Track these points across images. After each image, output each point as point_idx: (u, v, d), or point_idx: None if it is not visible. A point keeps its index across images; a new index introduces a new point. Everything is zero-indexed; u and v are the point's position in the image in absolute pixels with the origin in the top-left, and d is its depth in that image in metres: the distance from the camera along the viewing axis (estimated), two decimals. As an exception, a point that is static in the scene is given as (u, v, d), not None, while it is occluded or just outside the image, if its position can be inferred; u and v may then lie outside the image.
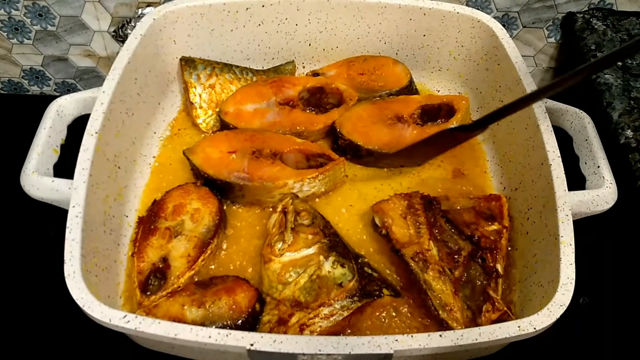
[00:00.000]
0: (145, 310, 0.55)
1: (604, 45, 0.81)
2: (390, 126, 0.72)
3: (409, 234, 0.61)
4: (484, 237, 0.61)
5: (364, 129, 0.72)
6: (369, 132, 0.71)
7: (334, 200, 0.69)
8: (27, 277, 0.69)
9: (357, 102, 0.75)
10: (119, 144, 0.65)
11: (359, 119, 0.73)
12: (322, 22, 0.79)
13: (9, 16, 0.89)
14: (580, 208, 0.60)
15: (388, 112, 0.73)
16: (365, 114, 0.73)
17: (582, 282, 0.53)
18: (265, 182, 0.64)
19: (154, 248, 0.60)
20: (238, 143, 0.68)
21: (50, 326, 0.65)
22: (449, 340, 0.47)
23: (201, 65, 0.77)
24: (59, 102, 0.65)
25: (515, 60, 0.71)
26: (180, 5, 0.74)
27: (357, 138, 0.71)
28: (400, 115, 0.73)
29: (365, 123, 0.72)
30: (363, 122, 0.72)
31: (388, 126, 0.72)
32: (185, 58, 0.78)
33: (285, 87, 0.76)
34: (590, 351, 0.65)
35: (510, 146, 0.71)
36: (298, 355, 0.47)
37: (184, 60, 0.77)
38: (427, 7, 0.77)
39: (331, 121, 0.74)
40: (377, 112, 0.73)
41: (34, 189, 0.58)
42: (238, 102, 0.74)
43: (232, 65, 0.80)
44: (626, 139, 0.68)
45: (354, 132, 0.71)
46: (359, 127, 0.72)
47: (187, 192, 0.65)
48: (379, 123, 0.72)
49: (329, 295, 0.56)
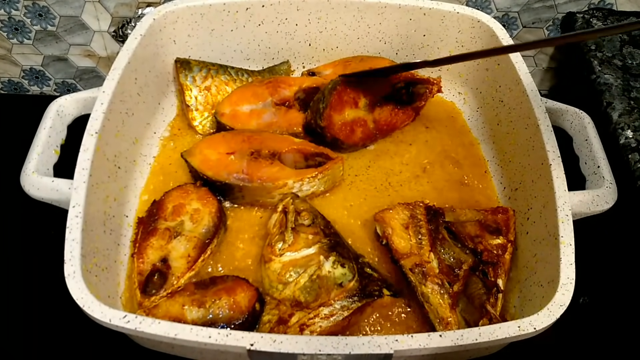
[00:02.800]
0: (145, 310, 0.55)
1: (604, 45, 0.81)
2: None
3: (410, 244, 0.60)
4: (487, 251, 0.61)
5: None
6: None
7: (335, 200, 0.69)
8: (27, 277, 0.69)
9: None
10: (119, 144, 0.65)
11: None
12: (322, 22, 0.79)
13: (9, 16, 0.89)
14: (580, 208, 0.60)
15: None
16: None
17: (582, 282, 0.53)
18: (264, 182, 0.64)
19: (154, 249, 0.60)
20: (236, 144, 0.68)
21: (50, 326, 0.65)
22: (449, 340, 0.47)
23: (196, 67, 0.77)
24: (59, 102, 0.65)
25: (515, 60, 0.71)
26: (180, 5, 0.74)
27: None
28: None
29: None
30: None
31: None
32: (180, 60, 0.77)
33: (281, 88, 0.76)
34: (590, 351, 0.65)
35: (510, 146, 0.71)
36: (298, 355, 0.47)
37: (179, 62, 0.77)
38: (427, 7, 0.77)
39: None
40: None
41: (34, 189, 0.58)
42: (234, 103, 0.74)
43: (227, 67, 0.80)
44: (626, 139, 0.68)
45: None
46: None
47: (186, 192, 0.65)
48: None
49: (329, 295, 0.56)
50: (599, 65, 0.78)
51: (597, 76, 0.77)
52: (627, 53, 0.80)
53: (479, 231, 0.63)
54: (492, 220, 0.64)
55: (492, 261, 0.60)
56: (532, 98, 0.66)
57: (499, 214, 0.65)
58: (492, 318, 0.56)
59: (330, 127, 0.69)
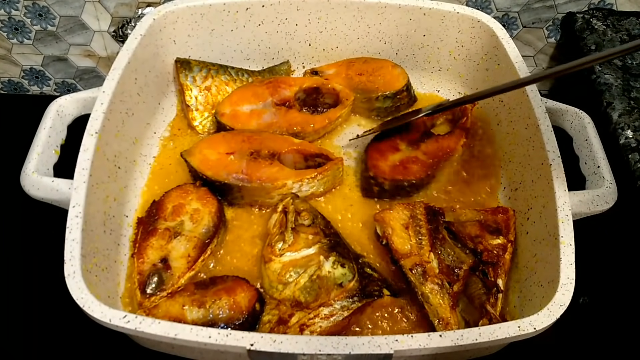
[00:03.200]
0: (145, 310, 0.55)
1: (604, 45, 0.81)
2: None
3: (410, 244, 0.60)
4: (487, 251, 0.61)
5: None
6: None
7: (335, 200, 0.69)
8: (27, 277, 0.69)
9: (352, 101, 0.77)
10: (119, 144, 0.65)
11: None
12: (322, 22, 0.79)
13: (9, 16, 0.89)
14: (580, 208, 0.60)
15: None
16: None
17: (582, 282, 0.53)
18: (264, 182, 0.64)
19: (154, 249, 0.60)
20: (236, 144, 0.68)
21: (50, 326, 0.65)
22: (449, 340, 0.47)
23: (196, 67, 0.77)
24: (59, 102, 0.65)
25: (515, 61, 0.71)
26: (180, 5, 0.74)
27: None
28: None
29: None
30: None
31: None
32: (180, 60, 0.77)
33: (281, 88, 0.76)
34: (590, 351, 0.65)
35: (510, 146, 0.71)
36: (298, 355, 0.47)
37: (179, 62, 0.77)
38: (427, 7, 0.77)
39: (327, 121, 0.74)
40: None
41: (34, 189, 0.58)
42: (234, 104, 0.74)
43: (227, 67, 0.79)
44: (626, 139, 0.68)
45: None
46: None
47: (186, 192, 0.65)
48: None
49: (329, 296, 0.56)
50: (599, 65, 0.78)
51: (597, 76, 0.77)
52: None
53: (479, 231, 0.63)
54: (492, 221, 0.64)
55: (492, 261, 0.60)
56: (532, 98, 0.66)
57: (499, 214, 0.65)
58: (492, 318, 0.56)
59: (380, 174, 0.66)
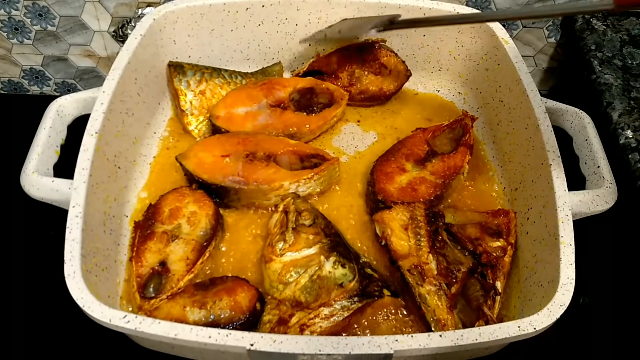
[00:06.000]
0: (146, 313, 0.55)
1: (604, 45, 0.81)
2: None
3: (409, 245, 0.60)
4: (486, 253, 0.61)
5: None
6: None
7: (335, 200, 0.69)
8: (27, 277, 0.69)
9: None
10: (119, 144, 0.65)
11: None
12: (322, 22, 0.79)
13: (9, 16, 0.89)
14: (580, 208, 0.60)
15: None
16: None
17: (582, 282, 0.53)
18: (260, 184, 0.64)
19: (152, 252, 0.60)
20: (231, 146, 0.68)
21: (50, 326, 0.65)
22: (449, 340, 0.47)
23: (190, 71, 0.76)
24: (59, 102, 0.65)
25: (515, 60, 0.71)
26: (180, 5, 0.74)
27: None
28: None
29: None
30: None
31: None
32: (173, 63, 0.76)
33: (275, 89, 0.76)
34: (590, 351, 0.65)
35: (510, 146, 0.71)
36: (298, 355, 0.47)
37: (172, 67, 0.76)
38: (427, 7, 0.77)
39: (323, 121, 0.74)
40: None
41: (34, 189, 0.58)
42: (229, 106, 0.74)
43: (220, 70, 0.79)
44: (626, 139, 0.68)
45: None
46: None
47: (182, 195, 0.64)
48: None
49: (330, 296, 0.56)
50: (599, 65, 0.78)
51: (597, 76, 0.77)
52: (627, 53, 0.80)
53: (479, 233, 0.63)
54: (492, 223, 0.64)
55: (491, 263, 0.60)
56: (532, 98, 0.66)
57: (500, 217, 0.65)
58: (488, 320, 0.56)
59: (389, 197, 0.65)
